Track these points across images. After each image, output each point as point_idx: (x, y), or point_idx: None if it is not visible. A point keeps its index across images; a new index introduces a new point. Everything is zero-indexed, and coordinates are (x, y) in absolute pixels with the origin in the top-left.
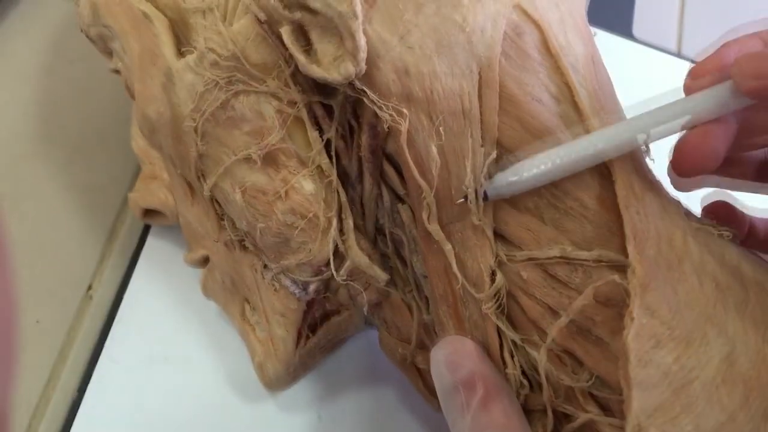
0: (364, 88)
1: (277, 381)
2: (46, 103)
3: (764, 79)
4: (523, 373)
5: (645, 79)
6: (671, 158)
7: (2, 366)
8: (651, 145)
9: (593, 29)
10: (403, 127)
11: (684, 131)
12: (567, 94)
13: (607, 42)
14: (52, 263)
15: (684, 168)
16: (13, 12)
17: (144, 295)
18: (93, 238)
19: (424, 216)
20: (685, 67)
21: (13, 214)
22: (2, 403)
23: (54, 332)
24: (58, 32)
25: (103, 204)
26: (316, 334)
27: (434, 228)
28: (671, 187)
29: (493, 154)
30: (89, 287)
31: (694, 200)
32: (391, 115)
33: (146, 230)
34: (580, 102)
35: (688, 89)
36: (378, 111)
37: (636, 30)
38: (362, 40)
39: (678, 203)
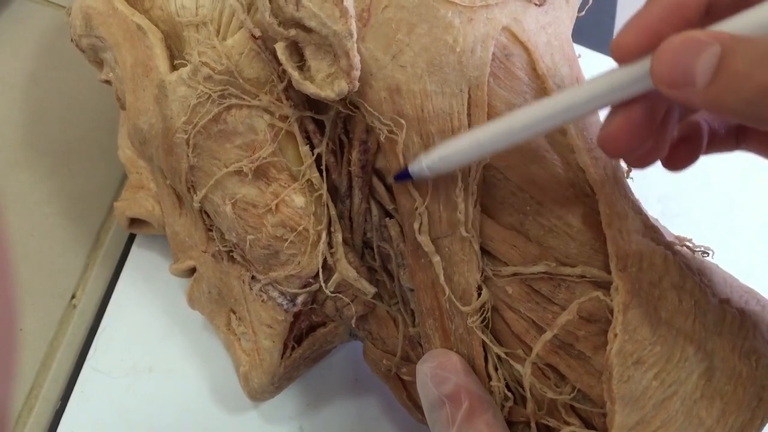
0: (359, 102)
1: (261, 391)
2: (31, 111)
3: (684, 88)
4: (507, 386)
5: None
6: (598, 138)
7: (2, 368)
8: None
9: (577, 50)
10: (400, 138)
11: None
12: None
13: (589, 59)
14: (36, 272)
15: (610, 152)
16: None
17: (128, 305)
18: (77, 248)
19: (416, 227)
20: None
21: None
22: (2, 403)
23: (37, 341)
24: (43, 41)
25: (88, 213)
26: (301, 346)
27: (424, 239)
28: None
29: (481, 170)
30: (73, 296)
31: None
32: (387, 126)
33: (130, 240)
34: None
35: (615, 58)
36: (376, 123)
37: None
38: (356, 59)
39: (657, 223)
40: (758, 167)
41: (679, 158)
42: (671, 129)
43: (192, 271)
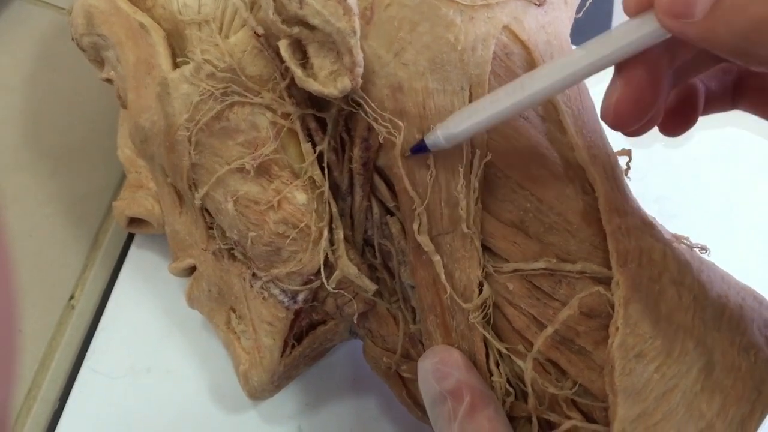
0: (362, 101)
1: (260, 390)
2: (30, 112)
3: (683, 18)
4: (509, 381)
5: None
6: (601, 111)
7: (2, 370)
8: None
9: None
10: (398, 139)
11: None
12: (552, 113)
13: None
14: (34, 272)
15: (616, 122)
16: None
17: (126, 305)
18: (75, 248)
19: (414, 227)
20: None
21: None
22: (3, 404)
23: (35, 342)
24: (42, 42)
25: (86, 213)
26: (301, 344)
27: (424, 239)
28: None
29: (482, 167)
30: (71, 297)
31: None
32: (386, 127)
33: (129, 240)
34: (564, 120)
35: (627, 11)
36: (374, 123)
37: None
38: (360, 56)
39: (655, 221)
40: (756, 168)
41: (677, 123)
42: (666, 94)
43: (191, 270)
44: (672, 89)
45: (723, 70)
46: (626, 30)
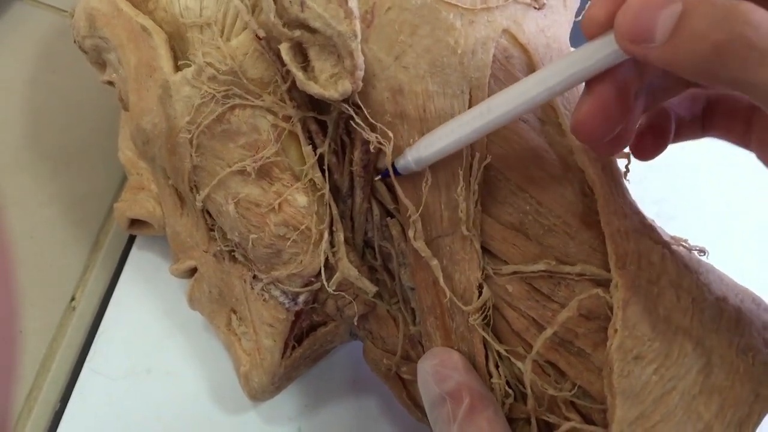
0: (356, 108)
1: (261, 391)
2: (31, 114)
3: (643, 44)
4: (508, 383)
5: None
6: (570, 124)
7: (3, 371)
8: None
9: None
10: (388, 149)
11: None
12: (551, 115)
13: None
14: (35, 274)
15: (583, 135)
16: None
17: (127, 306)
18: (76, 249)
19: (410, 234)
20: None
21: None
22: (3, 405)
23: (36, 343)
24: (43, 44)
25: (87, 215)
26: (302, 345)
27: (420, 245)
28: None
29: (482, 169)
30: (72, 298)
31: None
32: (377, 137)
33: (130, 241)
34: (563, 123)
35: (586, 32)
36: (363, 134)
37: None
38: (360, 59)
39: (654, 223)
40: (753, 170)
41: (648, 147)
42: (637, 115)
43: (192, 271)
44: (643, 111)
45: (692, 97)
46: (590, 51)
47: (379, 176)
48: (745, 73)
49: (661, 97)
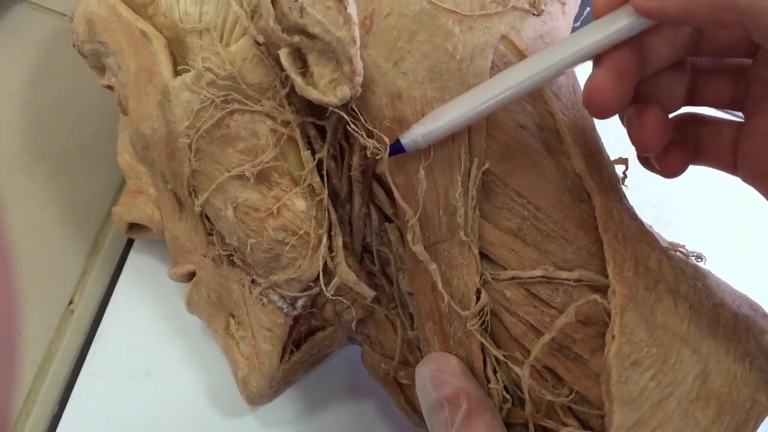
0: (354, 115)
1: (259, 396)
2: (30, 117)
3: None
4: (506, 388)
5: None
6: (583, 97)
7: (2, 374)
8: None
9: None
10: (385, 155)
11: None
12: (550, 121)
13: (585, 68)
14: (34, 277)
15: (597, 105)
16: None
17: (125, 310)
18: (75, 253)
19: (409, 238)
20: None
21: None
22: (3, 407)
23: (34, 346)
24: (43, 47)
25: (85, 218)
26: (300, 350)
27: (418, 249)
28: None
29: (480, 175)
30: (70, 301)
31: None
32: (373, 143)
33: (129, 245)
34: (561, 128)
35: (595, 13)
36: (360, 140)
37: None
38: (359, 65)
39: (651, 229)
40: None
41: (676, 162)
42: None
43: (191, 275)
44: (674, 119)
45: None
46: (601, 25)
47: (393, 154)
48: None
49: (700, 98)
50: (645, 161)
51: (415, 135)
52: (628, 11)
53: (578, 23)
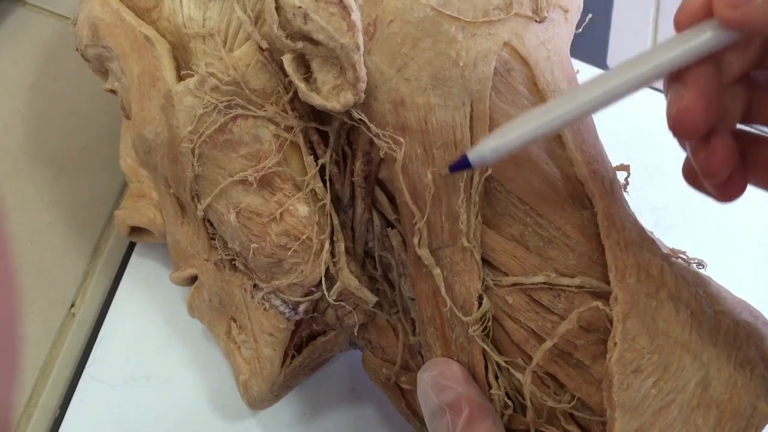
0: (362, 117)
1: (260, 400)
2: (32, 120)
3: (743, 5)
4: (507, 394)
5: (620, 110)
6: (669, 124)
7: (4, 377)
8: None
9: (574, 65)
10: (399, 155)
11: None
12: None
13: (586, 74)
14: (35, 280)
15: (688, 127)
16: None
17: (127, 313)
18: (76, 256)
19: (415, 241)
20: (659, 97)
21: None
22: (5, 410)
23: (36, 350)
24: (45, 51)
25: (87, 222)
26: (301, 354)
27: (424, 252)
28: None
29: (483, 181)
30: (72, 305)
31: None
32: (387, 143)
33: (130, 249)
34: (564, 135)
35: (677, 27)
36: (375, 139)
37: (611, 60)
38: (363, 71)
39: (652, 235)
40: None
41: (731, 187)
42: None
43: (192, 279)
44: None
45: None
46: (679, 41)
47: (449, 171)
48: None
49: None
50: (693, 181)
51: (483, 150)
52: (712, 25)
53: (580, 30)
